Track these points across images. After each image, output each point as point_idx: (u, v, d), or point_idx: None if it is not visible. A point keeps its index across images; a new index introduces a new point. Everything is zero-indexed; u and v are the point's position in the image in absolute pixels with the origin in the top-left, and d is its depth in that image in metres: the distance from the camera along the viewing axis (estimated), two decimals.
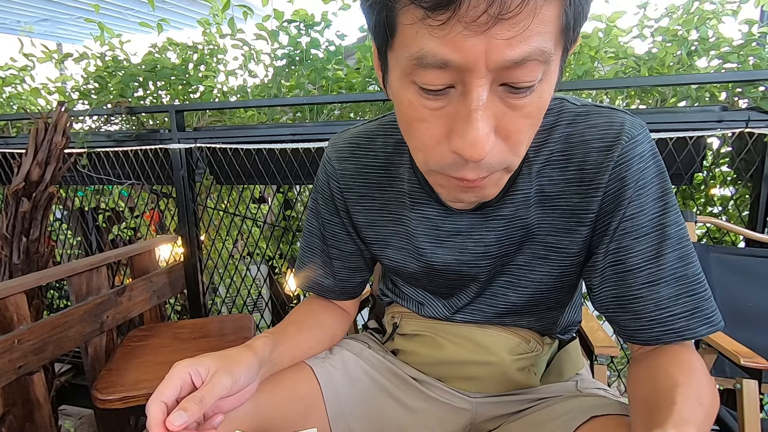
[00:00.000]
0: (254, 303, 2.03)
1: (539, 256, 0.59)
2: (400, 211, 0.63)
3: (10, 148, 1.98)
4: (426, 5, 0.35)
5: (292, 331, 0.67)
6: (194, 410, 0.45)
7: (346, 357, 0.71)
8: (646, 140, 0.52)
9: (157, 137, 1.71)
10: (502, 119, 0.41)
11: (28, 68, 2.03)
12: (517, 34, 0.35)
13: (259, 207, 1.98)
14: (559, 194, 0.55)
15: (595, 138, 0.52)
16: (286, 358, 0.64)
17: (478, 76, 0.37)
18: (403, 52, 0.40)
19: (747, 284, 1.14)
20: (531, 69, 0.37)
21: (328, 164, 0.67)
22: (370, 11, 0.41)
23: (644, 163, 0.51)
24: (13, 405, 1.10)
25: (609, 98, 1.49)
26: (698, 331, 0.51)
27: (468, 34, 0.35)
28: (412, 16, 0.37)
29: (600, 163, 0.52)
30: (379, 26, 0.41)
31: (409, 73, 0.40)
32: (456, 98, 0.40)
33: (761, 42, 1.30)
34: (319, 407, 0.64)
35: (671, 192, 0.53)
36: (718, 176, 1.47)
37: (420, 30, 0.37)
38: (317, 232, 0.71)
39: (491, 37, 0.35)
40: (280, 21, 1.65)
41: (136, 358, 1.22)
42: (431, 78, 0.39)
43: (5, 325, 1.08)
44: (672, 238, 0.51)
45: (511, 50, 0.36)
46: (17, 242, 1.40)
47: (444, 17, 0.35)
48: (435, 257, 0.62)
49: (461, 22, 0.35)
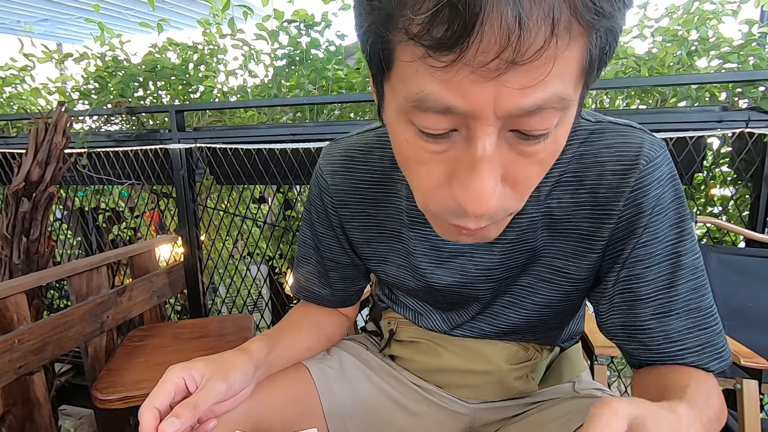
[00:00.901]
0: (254, 303, 2.03)
1: (544, 279, 0.56)
2: (399, 229, 0.60)
3: (10, 148, 1.98)
4: (427, 44, 0.30)
5: (289, 332, 0.67)
6: (187, 417, 0.45)
7: (343, 358, 0.71)
8: (665, 162, 0.48)
9: (157, 137, 1.71)
10: (511, 167, 0.36)
11: (28, 68, 2.03)
12: (533, 81, 0.30)
13: (259, 207, 1.98)
14: (569, 218, 0.51)
15: (610, 160, 0.48)
16: (282, 360, 0.63)
17: (485, 123, 0.33)
18: (401, 89, 0.35)
19: (747, 284, 1.14)
20: (546, 117, 0.33)
21: (321, 178, 0.63)
22: (363, 39, 0.36)
23: (662, 188, 0.48)
24: (13, 405, 1.10)
25: (609, 98, 1.49)
26: (709, 366, 0.48)
27: (476, 79, 0.30)
28: (411, 53, 0.32)
29: (615, 188, 0.48)
30: (374, 56, 0.36)
31: (407, 113, 0.36)
32: (459, 142, 0.35)
33: (761, 42, 1.30)
34: (316, 408, 0.64)
35: (689, 218, 0.49)
36: (718, 176, 1.47)
37: (420, 69, 0.32)
38: (311, 243, 0.69)
39: (502, 84, 0.30)
40: (280, 21, 1.65)
41: (136, 358, 1.22)
42: (432, 122, 0.34)
43: (5, 325, 1.08)
44: (686, 268, 0.48)
45: (525, 98, 0.31)
46: (17, 242, 1.40)
47: (448, 59, 0.30)
48: (435, 277, 0.59)
49: (468, 65, 0.30)
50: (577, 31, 0.30)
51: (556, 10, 0.28)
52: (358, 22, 0.36)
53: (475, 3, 0.28)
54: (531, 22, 0.28)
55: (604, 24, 0.31)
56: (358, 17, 0.36)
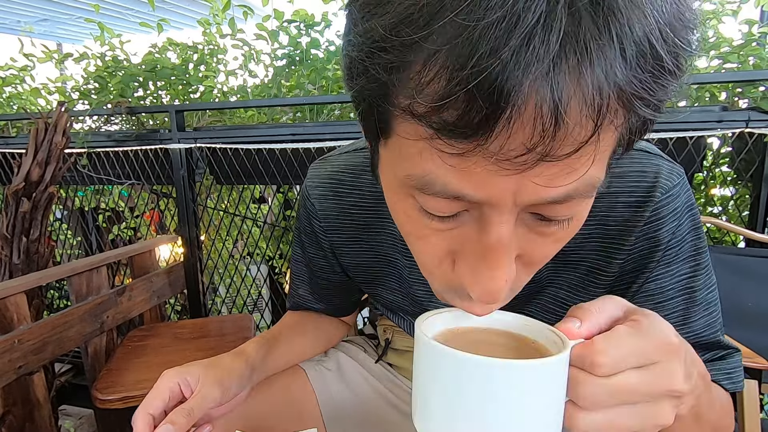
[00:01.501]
0: (254, 303, 2.03)
1: (548, 311, 0.53)
2: (392, 254, 0.56)
3: (10, 148, 1.98)
4: (437, 127, 0.24)
5: (287, 335, 0.66)
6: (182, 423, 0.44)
7: (341, 359, 0.70)
8: (683, 192, 0.44)
9: (157, 137, 1.71)
10: (526, 246, 0.31)
11: (28, 68, 2.03)
12: (567, 177, 0.25)
13: (259, 207, 1.98)
14: (576, 250, 0.47)
15: (623, 191, 0.43)
16: (280, 363, 0.63)
17: (503, 212, 0.27)
18: (401, 163, 0.29)
19: (747, 284, 1.14)
20: (573, 205, 0.28)
21: (308, 201, 0.59)
22: (354, 98, 0.30)
23: (678, 220, 0.44)
24: (13, 405, 1.10)
25: None
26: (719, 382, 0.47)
27: (496, 170, 0.25)
28: (414, 131, 0.26)
29: (626, 221, 0.44)
30: (367, 122, 0.30)
31: (408, 188, 0.30)
32: (469, 223, 0.30)
33: (761, 42, 1.30)
34: (313, 409, 0.64)
35: (705, 250, 0.46)
36: (718, 176, 1.47)
37: (425, 150, 0.26)
38: (303, 261, 0.66)
39: (529, 178, 0.25)
40: (280, 21, 1.65)
41: (136, 358, 1.22)
42: (438, 206, 0.29)
43: (5, 325, 1.08)
44: (701, 304, 0.45)
45: (554, 191, 0.26)
46: (17, 242, 1.40)
47: (463, 147, 0.24)
48: (431, 305, 0.56)
49: (489, 157, 0.24)
50: (620, 117, 0.25)
51: (604, 102, 0.23)
52: (346, 75, 0.29)
53: (503, 91, 0.21)
54: (571, 116, 0.23)
55: (650, 112, 0.26)
56: (346, 69, 0.29)
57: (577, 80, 0.22)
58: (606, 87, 0.22)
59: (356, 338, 0.81)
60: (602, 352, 0.28)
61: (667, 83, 0.25)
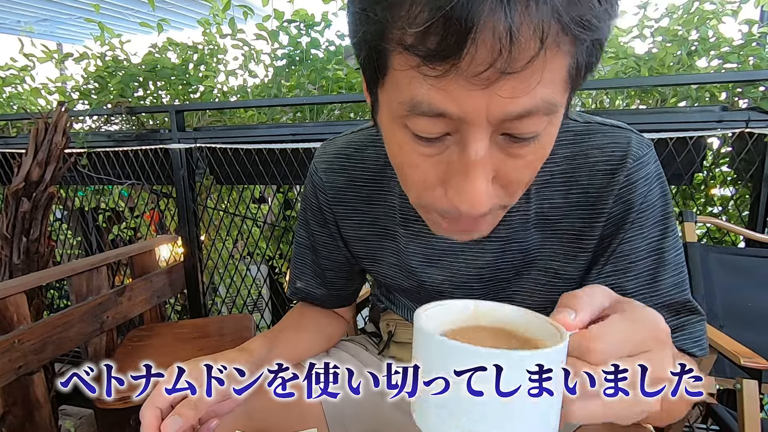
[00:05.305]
0: (254, 303, 2.03)
1: (539, 283, 0.57)
2: (391, 227, 0.61)
3: (10, 148, 1.98)
4: (422, 54, 0.31)
5: (288, 333, 0.67)
6: (189, 415, 0.44)
7: (343, 358, 0.71)
8: (652, 161, 0.50)
9: (157, 137, 1.71)
10: (502, 168, 0.38)
11: (28, 68, 2.03)
12: (524, 90, 0.32)
13: (259, 207, 1.98)
14: (562, 218, 0.53)
15: (600, 160, 0.50)
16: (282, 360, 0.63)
17: (478, 129, 0.34)
18: (395, 95, 0.36)
19: (747, 284, 1.14)
20: (535, 121, 0.35)
21: (315, 175, 0.64)
22: (357, 47, 0.38)
23: (649, 185, 0.50)
24: (13, 405, 1.10)
25: (609, 98, 1.49)
26: (686, 348, 0.51)
27: (468, 87, 0.32)
28: (405, 62, 0.33)
29: (605, 187, 0.50)
30: (368, 65, 0.38)
31: (401, 117, 0.37)
32: (452, 147, 0.37)
33: (761, 42, 1.30)
34: (315, 408, 0.64)
35: (673, 216, 0.51)
36: (718, 176, 1.47)
37: (414, 77, 0.33)
38: (307, 242, 0.69)
39: (494, 92, 0.32)
40: (280, 21, 1.65)
41: (136, 358, 1.22)
42: (425, 126, 0.36)
43: (5, 325, 1.08)
44: (669, 264, 0.50)
45: (516, 105, 0.33)
46: (17, 242, 1.40)
47: (442, 68, 0.31)
48: (426, 276, 0.60)
49: (462, 75, 0.31)
50: (564, 43, 0.32)
51: (546, 24, 0.30)
52: (352, 31, 0.37)
53: (469, 16, 0.29)
54: (522, 35, 0.29)
55: (590, 36, 0.32)
56: (352, 26, 0.37)
57: (525, 7, 0.29)
58: (548, 12, 0.30)
59: (358, 337, 0.81)
60: (598, 339, 0.29)
61: (600, 16, 0.32)
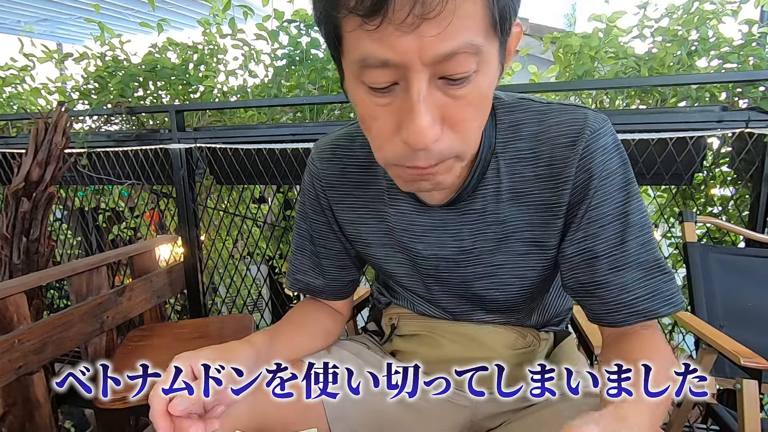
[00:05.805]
0: (254, 303, 2.03)
1: (520, 254, 0.61)
2: (381, 208, 0.66)
3: (10, 148, 1.98)
4: (361, 13, 0.38)
5: (288, 328, 0.69)
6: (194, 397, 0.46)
7: (344, 356, 0.71)
8: (608, 133, 0.55)
9: (157, 137, 1.71)
10: (446, 109, 0.44)
11: (28, 68, 2.03)
12: (443, 31, 0.38)
13: (259, 207, 1.98)
14: (532, 190, 0.58)
15: (560, 134, 0.55)
16: (282, 354, 0.64)
17: (416, 71, 0.40)
18: (350, 56, 0.43)
19: (747, 284, 1.14)
20: (463, 61, 0.41)
21: (312, 165, 0.71)
22: (319, 25, 0.45)
23: (608, 154, 0.55)
24: (13, 405, 1.10)
25: (609, 98, 1.49)
26: (660, 311, 0.54)
27: (399, 34, 0.38)
28: (352, 24, 0.41)
29: (566, 158, 0.55)
30: (329, 38, 0.45)
31: (358, 75, 0.44)
32: (400, 94, 0.43)
33: (761, 42, 1.30)
34: (317, 406, 0.64)
35: (634, 182, 0.56)
36: (718, 176, 1.47)
37: (360, 35, 0.40)
38: (305, 233, 0.74)
39: (420, 35, 0.38)
40: (280, 21, 1.65)
41: (136, 358, 1.22)
42: (375, 77, 0.42)
43: (5, 325, 1.08)
44: (635, 225, 0.54)
45: (441, 45, 0.39)
46: (17, 242, 1.40)
47: (377, 21, 0.38)
48: (415, 252, 0.64)
49: (392, 24, 0.38)
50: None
51: None
52: (315, 12, 0.45)
53: None
54: None
55: None
56: (314, 8, 0.44)
57: None
58: None
59: (358, 336, 0.82)
60: None
61: None
